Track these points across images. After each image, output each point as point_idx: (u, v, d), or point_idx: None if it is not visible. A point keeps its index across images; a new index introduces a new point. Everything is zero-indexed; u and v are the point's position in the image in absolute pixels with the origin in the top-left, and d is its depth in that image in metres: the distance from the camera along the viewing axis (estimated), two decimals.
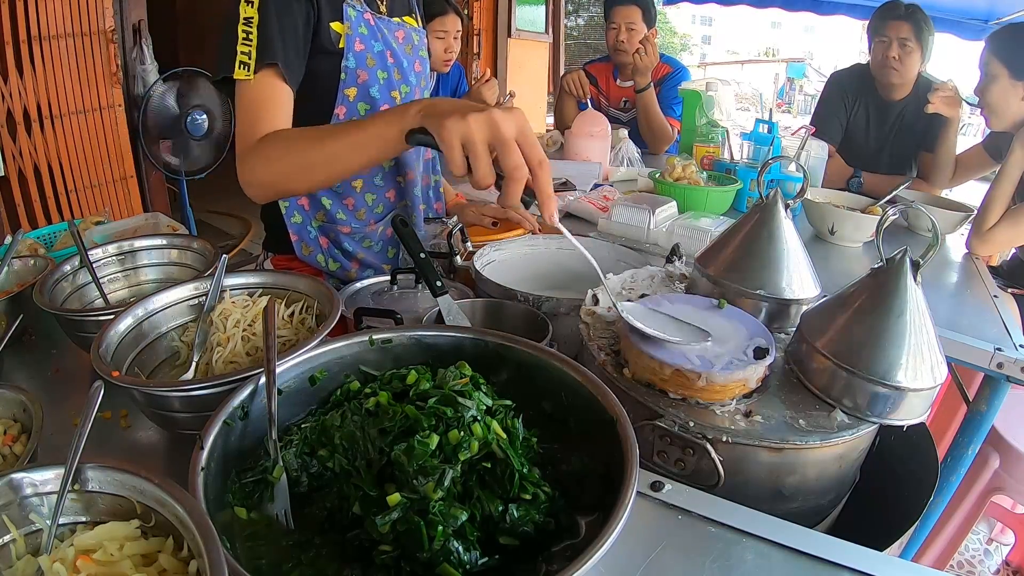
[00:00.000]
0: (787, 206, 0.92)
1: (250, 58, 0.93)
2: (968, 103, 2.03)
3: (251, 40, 0.92)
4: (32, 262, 1.06)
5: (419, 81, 1.19)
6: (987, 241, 1.65)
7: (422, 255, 0.92)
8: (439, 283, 0.90)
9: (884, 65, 2.10)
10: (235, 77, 0.93)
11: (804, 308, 0.85)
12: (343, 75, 1.06)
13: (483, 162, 0.67)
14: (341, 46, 1.04)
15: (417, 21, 1.21)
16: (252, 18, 0.92)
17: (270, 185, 0.96)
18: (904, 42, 2.05)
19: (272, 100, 0.96)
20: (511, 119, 0.67)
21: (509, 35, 4.70)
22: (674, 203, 1.58)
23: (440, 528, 0.48)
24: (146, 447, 0.77)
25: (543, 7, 5.02)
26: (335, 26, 1.03)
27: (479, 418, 0.56)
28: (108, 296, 1.00)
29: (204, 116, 3.08)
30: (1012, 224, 1.61)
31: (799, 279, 0.87)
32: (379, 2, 1.11)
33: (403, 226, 0.93)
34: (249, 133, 0.94)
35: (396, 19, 1.14)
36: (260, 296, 0.88)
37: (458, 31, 2.48)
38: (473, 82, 2.44)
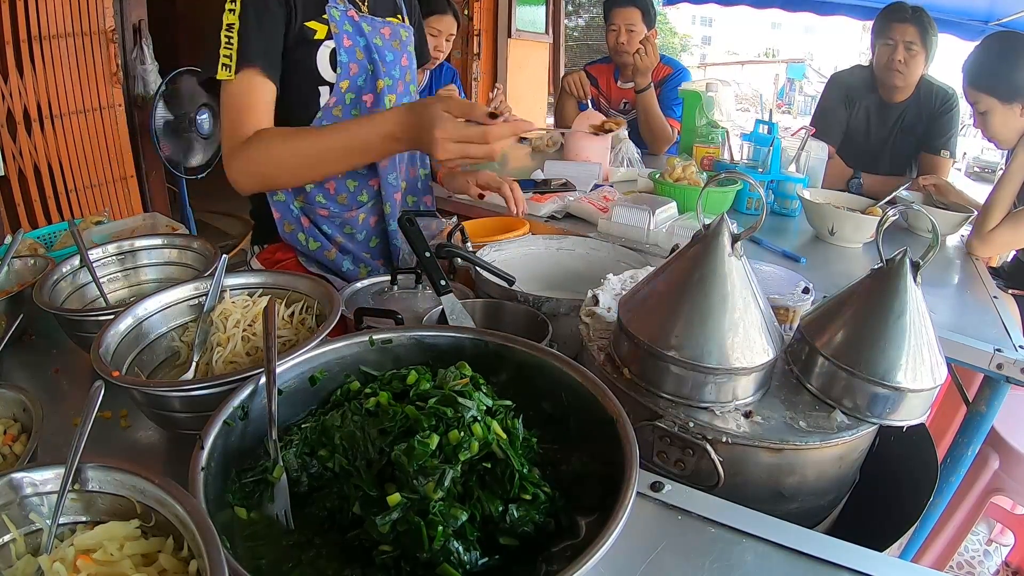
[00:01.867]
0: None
1: (231, 60, 1.02)
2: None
3: (232, 44, 1.02)
4: (32, 262, 1.06)
5: (404, 75, 1.24)
6: (987, 243, 1.64)
7: (427, 254, 0.92)
8: (443, 282, 0.90)
9: (889, 68, 2.10)
10: (218, 78, 1.03)
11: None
12: (338, 69, 1.12)
13: (472, 151, 0.92)
14: (318, 37, 1.10)
15: (404, 19, 1.27)
16: (233, 24, 1.02)
17: (258, 182, 1.10)
18: (910, 45, 2.05)
19: (254, 99, 1.05)
20: (440, 129, 0.90)
21: (509, 35, 4.70)
22: (674, 204, 1.58)
23: (440, 528, 0.49)
24: (146, 447, 0.77)
25: (543, 7, 5.02)
26: (310, 24, 1.09)
27: (479, 418, 0.56)
28: (108, 296, 1.00)
29: (203, 116, 3.08)
30: (1013, 227, 1.61)
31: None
32: (360, 2, 1.17)
33: (410, 224, 0.94)
34: (234, 131, 1.04)
35: (380, 18, 1.19)
36: (260, 296, 0.88)
37: (451, 34, 2.50)
38: (472, 83, 2.45)
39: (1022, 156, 1.62)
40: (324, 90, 1.14)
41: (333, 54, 1.11)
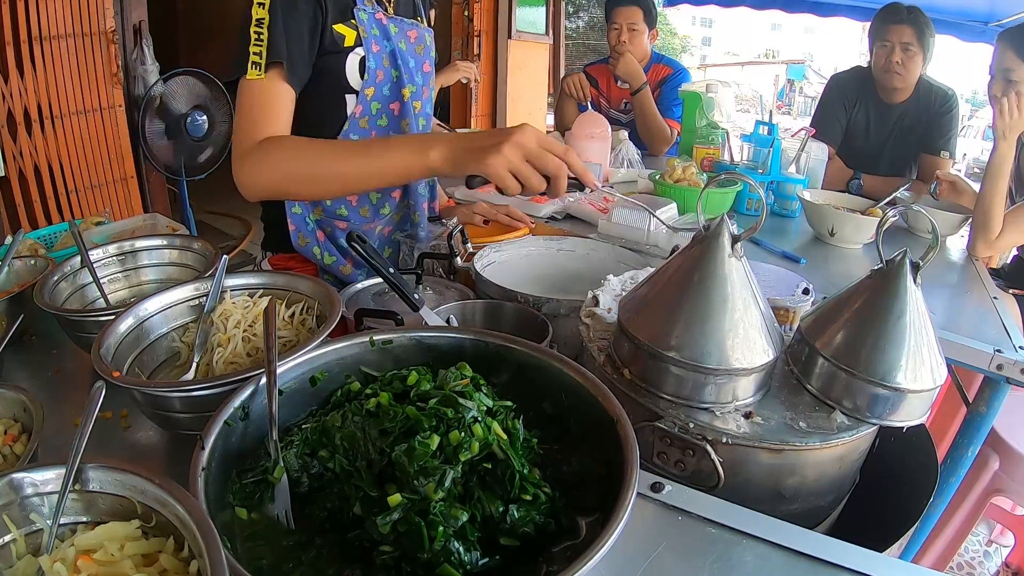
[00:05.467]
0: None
1: (261, 58, 0.96)
2: (972, 105, 2.02)
3: (262, 40, 0.96)
4: (32, 262, 1.06)
5: (426, 81, 1.20)
6: (995, 248, 1.64)
7: (390, 270, 0.87)
8: (416, 296, 0.86)
9: (887, 69, 2.10)
10: (248, 78, 0.96)
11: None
12: (365, 75, 1.08)
13: (533, 178, 0.81)
14: (348, 44, 1.06)
15: (424, 22, 1.23)
16: (263, 19, 0.95)
17: (272, 189, 0.99)
18: (907, 46, 2.05)
19: (274, 102, 0.99)
20: (529, 133, 0.81)
21: (509, 36, 4.70)
22: (674, 205, 1.58)
23: (441, 529, 0.49)
24: (146, 447, 0.77)
25: (543, 8, 5.02)
26: (339, 28, 1.04)
27: (480, 419, 0.56)
28: (108, 296, 1.00)
29: (204, 117, 3.08)
30: (1015, 226, 1.60)
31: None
32: (387, 3, 1.13)
33: (361, 243, 0.87)
34: (250, 133, 0.97)
35: (407, 20, 1.16)
36: (261, 297, 0.88)
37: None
38: (473, 84, 2.46)
39: (1003, 147, 1.58)
40: (351, 98, 1.10)
41: (363, 61, 1.08)
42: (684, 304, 0.69)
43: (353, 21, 1.05)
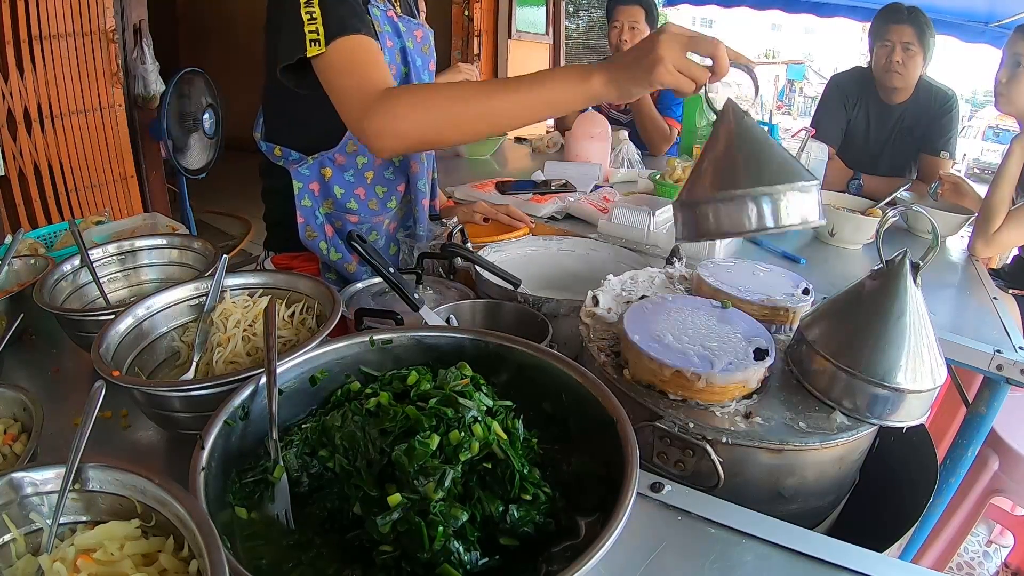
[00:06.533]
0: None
1: (318, 33, 0.93)
2: (972, 106, 2.02)
3: (316, 18, 0.93)
4: (32, 262, 1.06)
5: (431, 81, 1.21)
6: (993, 244, 1.64)
7: (390, 270, 0.87)
8: (416, 295, 0.86)
9: (887, 69, 2.10)
10: (308, 55, 0.93)
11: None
12: None
13: (696, 69, 0.80)
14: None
15: (421, 21, 1.23)
16: (312, 0, 0.94)
17: (415, 135, 0.93)
18: (907, 46, 2.05)
19: (372, 55, 0.96)
20: (671, 29, 0.80)
21: (509, 36, 4.70)
22: None
23: (441, 528, 0.49)
24: (146, 447, 0.77)
25: (543, 8, 5.02)
26: None
27: (480, 419, 0.56)
28: (108, 296, 1.00)
29: (205, 116, 3.08)
30: (1016, 225, 1.61)
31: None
32: (394, 2, 1.13)
33: (361, 242, 0.87)
34: (364, 88, 0.93)
35: (414, 19, 1.17)
36: (260, 296, 0.88)
37: None
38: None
39: (1017, 152, 1.61)
40: None
41: None
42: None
43: (368, 17, 1.04)
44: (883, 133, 2.26)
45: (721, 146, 0.74)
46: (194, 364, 0.79)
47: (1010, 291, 1.82)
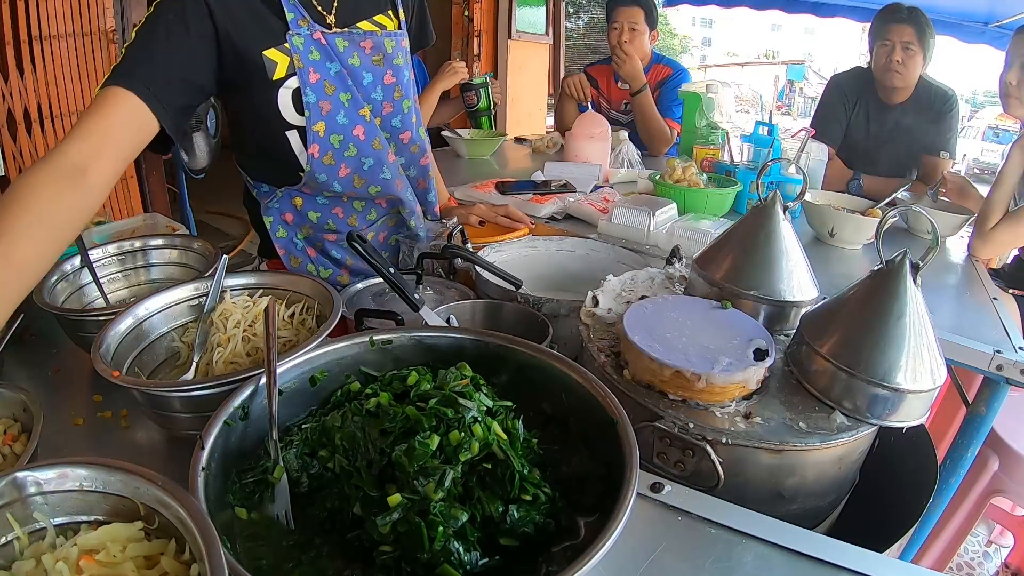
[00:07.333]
0: (786, 208, 0.92)
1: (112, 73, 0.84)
2: (972, 106, 2.02)
3: (123, 51, 0.86)
4: None
5: (392, 92, 1.08)
6: (989, 242, 1.64)
7: (390, 270, 0.86)
8: (416, 296, 0.86)
9: (887, 69, 2.10)
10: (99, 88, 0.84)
11: (803, 310, 0.85)
12: (307, 112, 0.98)
13: None
14: (277, 76, 0.96)
15: (393, 20, 1.09)
16: (133, 40, 0.87)
17: None
18: (907, 45, 2.05)
19: (116, 122, 0.82)
20: None
21: (509, 37, 4.70)
22: (674, 205, 1.58)
23: (441, 529, 0.49)
24: (146, 447, 0.77)
25: (543, 9, 5.02)
26: (270, 54, 0.95)
27: (480, 419, 0.56)
28: (108, 296, 1.00)
29: (208, 115, 3.08)
30: (1013, 225, 1.61)
31: (797, 281, 0.87)
32: (325, 15, 1.00)
33: (361, 242, 0.86)
34: (68, 151, 0.78)
35: (361, 25, 1.03)
36: (260, 296, 0.88)
37: None
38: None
39: (1017, 156, 1.62)
40: (292, 135, 1.01)
41: (296, 94, 0.98)
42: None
43: (286, 46, 0.95)
44: (883, 133, 2.26)
45: None
46: (194, 364, 0.79)
47: (1010, 291, 1.82)
